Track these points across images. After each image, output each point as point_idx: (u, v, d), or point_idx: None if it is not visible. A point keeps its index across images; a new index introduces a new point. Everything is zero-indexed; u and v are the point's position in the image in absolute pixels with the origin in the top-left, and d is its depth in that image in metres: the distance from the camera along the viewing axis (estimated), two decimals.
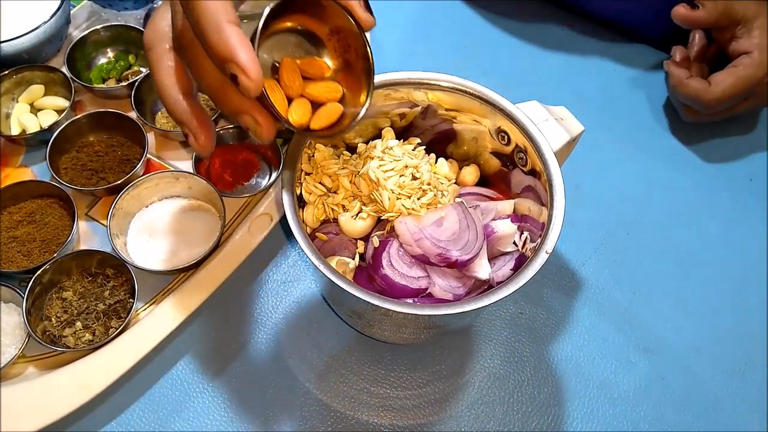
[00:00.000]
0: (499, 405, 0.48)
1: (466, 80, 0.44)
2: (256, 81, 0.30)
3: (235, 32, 0.30)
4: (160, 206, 0.53)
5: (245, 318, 0.50)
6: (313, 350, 0.49)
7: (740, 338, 0.52)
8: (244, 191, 0.54)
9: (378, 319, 0.42)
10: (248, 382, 0.48)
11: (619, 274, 0.54)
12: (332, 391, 0.48)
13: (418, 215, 0.42)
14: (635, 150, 0.62)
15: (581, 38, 0.70)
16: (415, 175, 0.44)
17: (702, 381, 0.50)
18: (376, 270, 0.42)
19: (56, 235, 0.50)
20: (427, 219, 0.42)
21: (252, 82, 0.30)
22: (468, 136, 0.48)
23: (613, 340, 0.51)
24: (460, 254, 0.40)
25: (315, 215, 0.44)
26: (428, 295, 0.42)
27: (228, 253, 0.49)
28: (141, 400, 0.46)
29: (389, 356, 0.49)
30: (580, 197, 0.57)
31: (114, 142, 0.55)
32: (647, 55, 0.69)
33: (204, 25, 0.31)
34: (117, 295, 0.48)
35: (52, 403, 0.43)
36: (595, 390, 0.49)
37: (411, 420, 0.47)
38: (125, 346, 0.45)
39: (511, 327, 0.51)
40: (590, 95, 0.66)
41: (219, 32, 0.30)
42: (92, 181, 0.53)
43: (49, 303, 0.47)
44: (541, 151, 0.42)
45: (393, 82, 0.44)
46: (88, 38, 0.60)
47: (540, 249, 0.38)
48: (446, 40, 0.69)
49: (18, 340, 0.46)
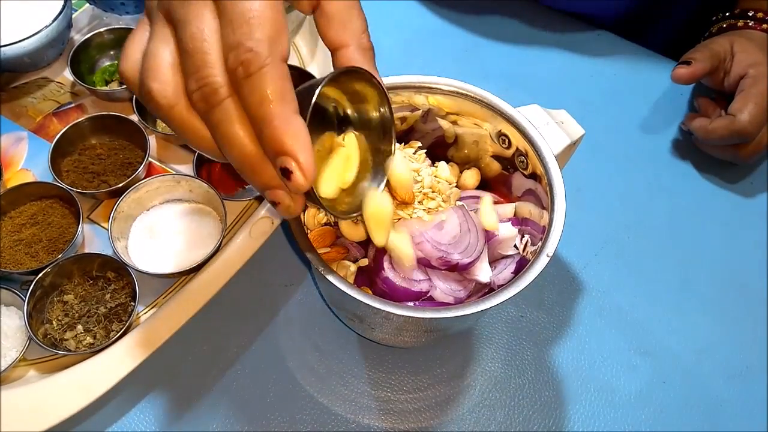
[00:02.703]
0: (500, 408, 0.48)
1: (466, 84, 0.44)
2: (310, 181, 0.28)
3: (301, 125, 0.27)
4: (161, 209, 0.53)
5: (246, 321, 0.50)
6: (314, 353, 0.49)
7: (741, 341, 0.52)
8: (246, 194, 0.54)
9: (379, 322, 0.42)
10: (249, 386, 0.47)
11: (620, 277, 0.54)
12: (333, 395, 0.48)
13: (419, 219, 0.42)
14: (636, 153, 0.62)
15: (582, 42, 0.70)
16: (416, 179, 0.44)
17: (703, 384, 0.50)
18: (377, 273, 0.42)
19: (62, 233, 0.50)
20: (428, 222, 0.42)
21: (306, 183, 0.27)
22: (469, 139, 0.48)
23: (613, 343, 0.51)
24: (461, 257, 0.40)
25: (316, 219, 0.44)
26: (429, 298, 0.42)
27: (229, 256, 0.49)
28: (142, 404, 0.46)
29: (390, 359, 0.49)
30: (580, 201, 0.57)
31: (116, 145, 0.56)
32: (649, 60, 0.69)
33: (268, 108, 0.27)
34: (118, 298, 0.48)
35: (52, 406, 0.42)
36: (596, 393, 0.49)
37: (412, 423, 0.47)
38: (126, 350, 0.45)
39: (512, 330, 0.51)
40: (591, 99, 0.66)
41: (286, 121, 0.27)
42: (94, 184, 0.53)
43: (51, 306, 0.48)
44: (542, 155, 0.42)
45: (393, 85, 0.44)
46: (92, 41, 0.60)
47: (541, 252, 0.38)
48: (447, 43, 0.69)
49: (19, 344, 0.46)
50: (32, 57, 0.57)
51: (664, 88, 0.67)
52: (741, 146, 0.57)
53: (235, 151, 0.29)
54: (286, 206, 0.30)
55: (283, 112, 0.27)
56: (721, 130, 0.57)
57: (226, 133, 0.28)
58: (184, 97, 0.29)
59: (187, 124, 0.29)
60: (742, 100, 0.56)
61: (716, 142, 0.58)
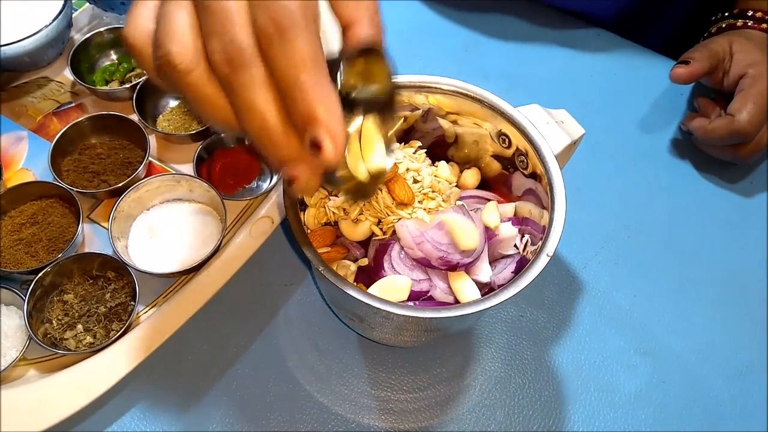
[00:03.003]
0: (500, 408, 0.48)
1: (467, 83, 0.44)
2: (340, 156, 0.26)
3: (335, 95, 0.25)
4: (161, 209, 0.53)
5: (246, 321, 0.50)
6: (314, 353, 0.49)
7: (741, 341, 0.52)
8: (246, 194, 0.54)
9: (379, 322, 0.42)
10: (249, 385, 0.47)
11: (620, 277, 0.54)
12: (333, 394, 0.48)
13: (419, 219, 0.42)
14: (636, 153, 0.62)
15: (582, 42, 0.70)
16: (416, 179, 0.45)
17: (702, 384, 0.50)
18: (378, 273, 0.42)
19: (62, 233, 0.50)
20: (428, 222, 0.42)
21: (336, 157, 0.25)
22: (469, 139, 0.48)
23: (613, 343, 0.51)
24: (462, 257, 0.40)
25: (316, 218, 0.44)
26: (429, 298, 0.42)
27: (229, 256, 0.49)
28: (142, 403, 0.46)
29: (390, 359, 0.49)
30: (581, 200, 0.57)
31: (116, 145, 0.56)
32: (649, 59, 0.69)
33: (302, 72, 0.25)
34: (118, 297, 0.48)
35: (52, 406, 0.42)
36: (596, 393, 0.49)
37: (412, 423, 0.47)
38: (126, 349, 0.45)
39: (512, 330, 0.51)
40: (591, 98, 0.66)
41: (321, 89, 0.25)
42: (94, 184, 0.53)
43: (50, 306, 0.48)
44: (542, 154, 0.42)
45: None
46: (92, 41, 0.60)
47: (541, 252, 0.38)
48: (447, 43, 0.69)
49: (19, 343, 0.46)
50: (32, 56, 0.58)
51: (665, 87, 0.67)
52: (741, 146, 0.57)
53: (258, 120, 0.27)
54: (304, 183, 0.28)
55: (318, 78, 0.25)
56: (721, 130, 0.57)
57: (248, 99, 0.26)
58: (204, 61, 0.27)
59: (204, 91, 0.27)
60: (741, 100, 0.56)
61: (716, 142, 0.58)
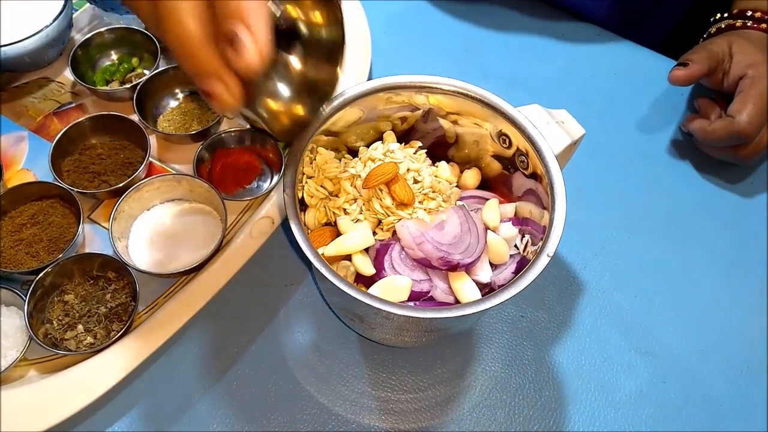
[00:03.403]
0: (501, 408, 0.48)
1: (467, 83, 0.44)
2: (263, 59, 0.25)
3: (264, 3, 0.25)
4: (161, 209, 0.53)
5: (246, 321, 0.50)
6: (314, 353, 0.49)
7: (741, 341, 0.52)
8: (246, 194, 0.54)
9: (379, 322, 0.42)
10: (249, 385, 0.48)
11: (620, 277, 0.54)
12: (333, 395, 0.48)
13: (420, 219, 0.42)
14: (636, 153, 0.62)
15: (583, 41, 0.70)
16: (416, 179, 0.45)
17: (703, 384, 0.50)
18: (378, 273, 0.42)
19: (62, 233, 0.50)
20: (428, 223, 0.42)
21: (257, 59, 0.25)
22: (469, 139, 0.48)
23: (614, 343, 0.51)
24: (462, 258, 0.40)
25: (317, 218, 0.44)
26: (430, 298, 0.42)
27: (229, 256, 0.49)
28: (142, 404, 0.46)
29: (390, 359, 0.49)
30: (581, 200, 0.57)
31: (116, 145, 0.56)
32: (649, 59, 0.69)
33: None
34: (118, 298, 0.48)
35: (53, 406, 0.43)
36: (597, 393, 0.49)
37: (412, 423, 0.47)
38: (127, 350, 0.45)
39: (512, 330, 0.51)
40: (592, 99, 0.66)
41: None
42: (94, 184, 0.53)
43: (51, 306, 0.48)
44: (543, 155, 0.42)
45: (394, 85, 0.44)
46: (93, 40, 0.60)
47: (541, 252, 0.38)
48: (447, 43, 0.69)
49: (19, 343, 0.46)
50: (33, 57, 0.58)
51: (665, 87, 0.66)
52: (741, 147, 0.57)
53: (176, 30, 0.26)
54: (220, 96, 0.27)
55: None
56: (721, 132, 0.57)
57: (169, 11, 0.26)
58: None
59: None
60: (741, 101, 0.56)
61: (716, 143, 0.58)
